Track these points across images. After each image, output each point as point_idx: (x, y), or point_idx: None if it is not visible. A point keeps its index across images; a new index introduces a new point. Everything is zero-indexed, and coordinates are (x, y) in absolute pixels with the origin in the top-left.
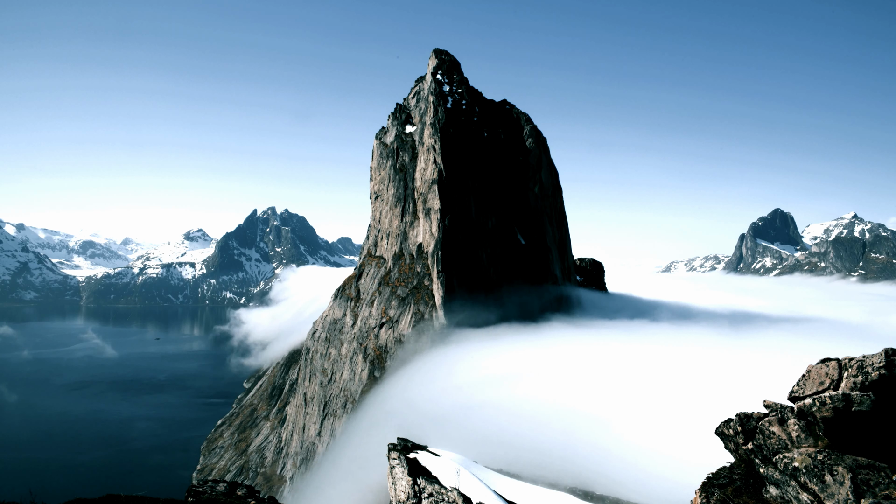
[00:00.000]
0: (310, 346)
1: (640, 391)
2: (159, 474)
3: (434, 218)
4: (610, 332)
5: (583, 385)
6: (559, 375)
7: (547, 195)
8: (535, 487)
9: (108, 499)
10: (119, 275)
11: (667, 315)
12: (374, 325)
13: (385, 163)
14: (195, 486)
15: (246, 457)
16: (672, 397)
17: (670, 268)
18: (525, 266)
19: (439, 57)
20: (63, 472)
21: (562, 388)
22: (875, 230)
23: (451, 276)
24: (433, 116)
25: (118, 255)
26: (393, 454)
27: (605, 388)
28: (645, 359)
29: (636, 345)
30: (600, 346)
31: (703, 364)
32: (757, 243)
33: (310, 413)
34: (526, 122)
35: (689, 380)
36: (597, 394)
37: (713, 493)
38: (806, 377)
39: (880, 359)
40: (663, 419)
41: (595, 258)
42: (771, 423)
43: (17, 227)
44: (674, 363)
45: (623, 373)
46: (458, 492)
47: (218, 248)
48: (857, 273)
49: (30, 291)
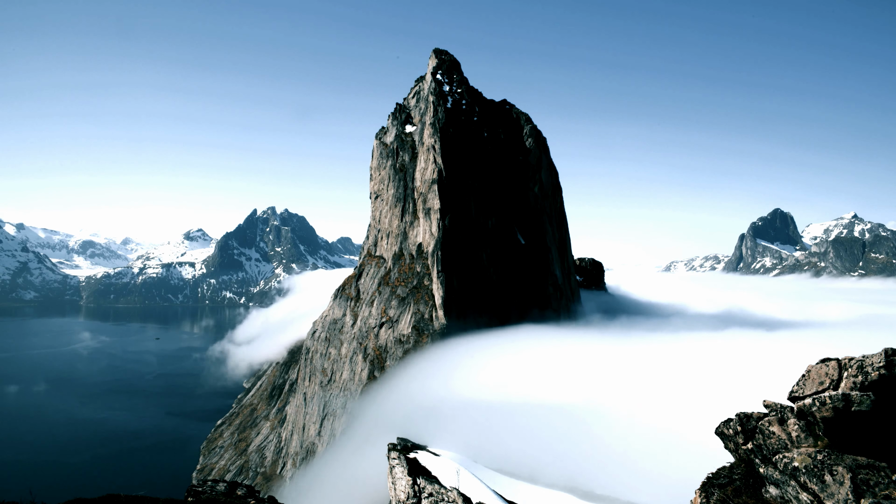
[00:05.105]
0: (310, 345)
1: (640, 391)
2: (159, 474)
3: (434, 218)
4: (610, 331)
5: (582, 385)
6: (559, 375)
7: (547, 195)
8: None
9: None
10: (119, 274)
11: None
12: (374, 325)
13: (385, 163)
14: (195, 485)
15: (246, 456)
16: (671, 397)
17: (670, 268)
18: (525, 266)
19: (439, 57)
20: (63, 472)
21: (561, 388)
22: (875, 230)
23: (451, 275)
24: (433, 116)
25: (118, 255)
26: (393, 454)
27: (604, 388)
28: (644, 359)
29: (636, 344)
30: (600, 345)
31: (702, 364)
32: (757, 243)
33: (310, 413)
34: (526, 122)
35: (688, 380)
36: (596, 394)
37: (713, 492)
38: (806, 377)
39: (880, 359)
40: (663, 419)
41: (595, 258)
42: (771, 423)
43: (17, 226)
44: (673, 363)
45: (623, 373)
46: (458, 491)
47: (218, 248)
48: (857, 273)
49: (30, 291)
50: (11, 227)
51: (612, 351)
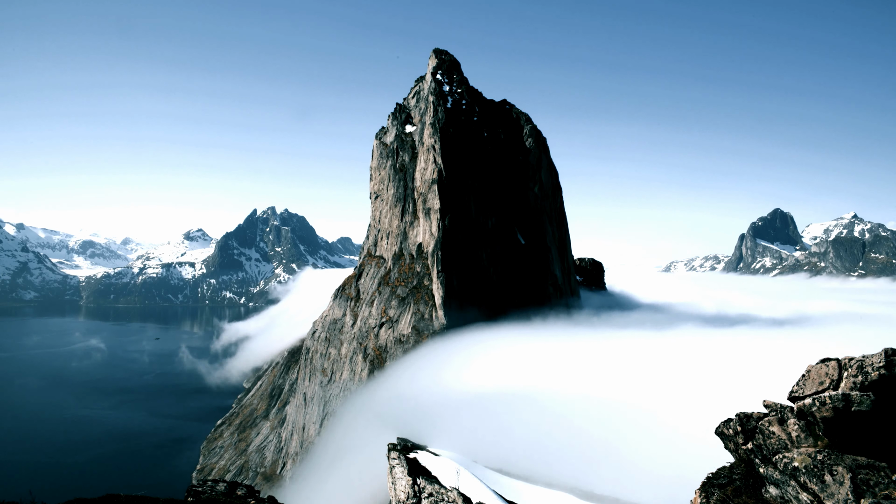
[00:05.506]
0: (310, 345)
1: (640, 391)
2: (159, 474)
3: (434, 218)
4: (610, 331)
5: (582, 385)
6: (559, 375)
7: (547, 195)
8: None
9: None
10: (119, 274)
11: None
12: (374, 325)
13: (385, 163)
14: (195, 485)
15: (246, 456)
16: (671, 397)
17: (670, 267)
18: (525, 266)
19: (439, 57)
20: (63, 472)
21: (561, 388)
22: (875, 230)
23: (451, 275)
24: (433, 116)
25: (118, 255)
26: (393, 454)
27: (604, 388)
28: (644, 359)
29: (636, 345)
30: (600, 345)
31: (702, 364)
32: (757, 243)
33: (310, 413)
34: (526, 122)
35: (688, 380)
36: (596, 393)
37: (713, 492)
38: (806, 377)
39: (880, 359)
40: (663, 419)
41: (595, 258)
42: (771, 423)
43: (17, 226)
44: (674, 363)
45: (623, 373)
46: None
47: (218, 248)
48: (857, 273)
49: (30, 291)
50: (11, 227)
51: (611, 351)
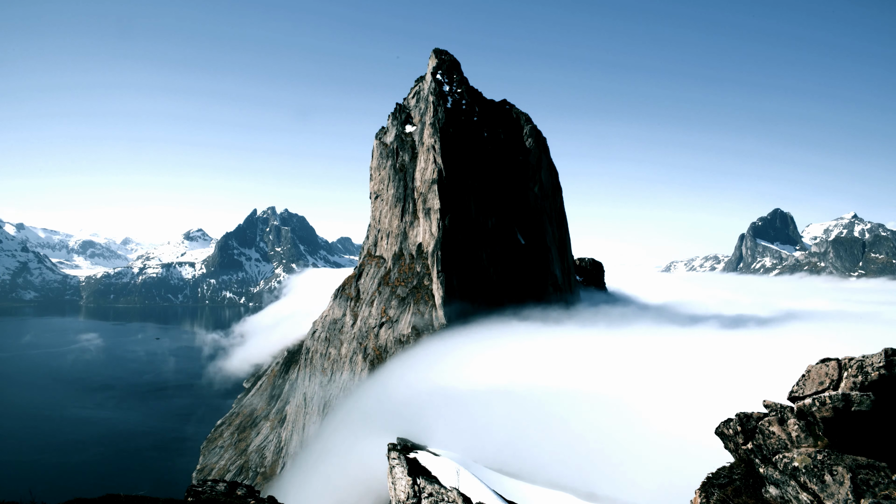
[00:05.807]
0: (310, 345)
1: (640, 391)
2: (159, 474)
3: (434, 218)
4: (609, 331)
5: (582, 385)
6: (559, 375)
7: (547, 195)
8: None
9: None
10: (119, 274)
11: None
12: (374, 325)
13: (385, 163)
14: (195, 485)
15: (246, 456)
16: (672, 397)
17: (670, 268)
18: (525, 266)
19: (439, 57)
20: (63, 472)
21: (561, 387)
22: (875, 230)
23: (451, 275)
24: (433, 116)
25: (118, 255)
26: (393, 454)
27: (604, 388)
28: (644, 359)
29: (636, 345)
30: (600, 345)
31: (702, 364)
32: (757, 243)
33: (310, 413)
34: (526, 122)
35: (688, 379)
36: (596, 393)
37: (713, 492)
38: (806, 377)
39: (880, 359)
40: (663, 419)
41: (595, 258)
42: (771, 423)
43: (17, 226)
44: (674, 363)
45: (623, 373)
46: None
47: (218, 248)
48: (857, 273)
49: (30, 291)
50: (11, 227)
51: (611, 352)
